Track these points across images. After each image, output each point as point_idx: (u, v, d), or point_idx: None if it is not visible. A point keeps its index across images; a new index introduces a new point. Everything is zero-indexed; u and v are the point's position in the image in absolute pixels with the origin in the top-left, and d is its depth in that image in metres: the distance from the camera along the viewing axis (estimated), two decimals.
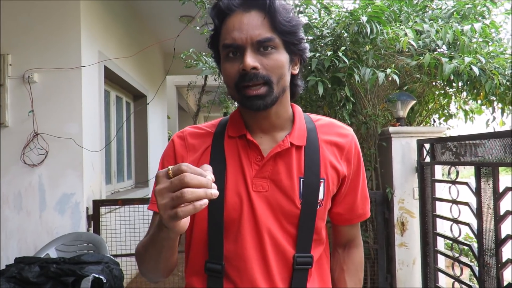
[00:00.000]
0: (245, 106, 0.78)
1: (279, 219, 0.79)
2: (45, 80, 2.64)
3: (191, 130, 0.88)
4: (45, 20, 2.66)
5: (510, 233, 1.72)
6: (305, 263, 0.79)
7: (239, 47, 0.74)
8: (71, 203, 2.63)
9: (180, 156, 0.85)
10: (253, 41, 0.73)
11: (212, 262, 0.79)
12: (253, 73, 0.73)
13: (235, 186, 0.79)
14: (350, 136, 0.87)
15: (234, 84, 0.76)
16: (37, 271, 2.00)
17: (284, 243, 0.78)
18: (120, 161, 4.10)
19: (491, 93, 2.65)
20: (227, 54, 0.77)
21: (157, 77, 5.25)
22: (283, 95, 0.80)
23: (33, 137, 2.59)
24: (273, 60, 0.75)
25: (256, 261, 0.78)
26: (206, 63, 2.79)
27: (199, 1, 2.59)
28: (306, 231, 0.79)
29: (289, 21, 0.76)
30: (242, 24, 0.74)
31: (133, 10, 4.08)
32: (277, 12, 0.75)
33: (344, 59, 2.35)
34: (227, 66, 0.77)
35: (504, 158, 1.79)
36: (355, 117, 2.79)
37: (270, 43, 0.74)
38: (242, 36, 0.73)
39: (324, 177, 0.82)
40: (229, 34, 0.75)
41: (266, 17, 0.75)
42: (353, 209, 0.90)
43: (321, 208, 0.81)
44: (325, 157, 0.83)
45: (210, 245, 0.79)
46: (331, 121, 0.89)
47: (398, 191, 2.69)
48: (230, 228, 0.79)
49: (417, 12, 2.97)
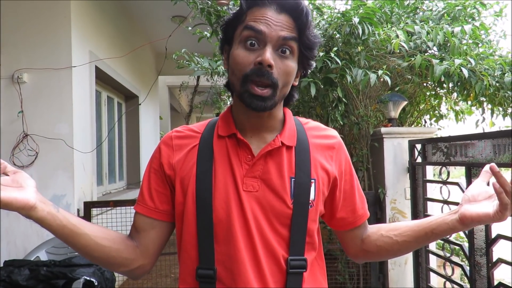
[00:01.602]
0: (244, 101, 0.76)
1: (270, 220, 0.77)
2: (35, 80, 2.61)
3: (178, 130, 0.88)
4: (35, 19, 2.62)
5: (500, 232, 1.74)
6: (299, 266, 0.78)
7: (261, 37, 0.74)
8: (62, 205, 2.60)
9: (165, 156, 0.84)
10: (279, 38, 0.74)
11: (203, 268, 0.77)
12: (267, 70, 0.73)
13: (224, 186, 0.78)
14: (337, 137, 0.89)
15: (243, 74, 0.74)
16: (27, 274, 1.97)
17: (276, 245, 0.77)
18: (111, 162, 4.07)
19: (481, 94, 2.69)
20: (245, 40, 0.75)
21: (149, 77, 5.22)
22: (280, 102, 0.81)
23: (23, 138, 2.56)
24: (286, 65, 0.75)
25: (249, 263, 0.76)
26: (198, 63, 2.78)
27: (191, 1, 2.58)
28: (299, 232, 0.78)
29: (313, 37, 0.78)
30: (272, 19, 0.74)
31: (124, 10, 4.05)
32: (306, 26, 0.76)
33: (336, 60, 2.36)
34: (241, 53, 0.75)
35: (494, 159, 1.82)
36: (347, 118, 2.81)
37: (291, 45, 0.75)
38: (269, 29, 0.73)
39: (315, 178, 0.81)
40: (257, 22, 0.74)
41: (296, 25, 0.76)
42: (355, 210, 0.89)
43: (312, 208, 0.80)
44: (315, 158, 0.83)
45: (200, 248, 0.78)
46: (317, 124, 0.91)
47: (390, 192, 2.71)
48: (220, 229, 0.77)
49: (408, 14, 3.00)
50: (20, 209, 0.66)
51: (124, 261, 0.81)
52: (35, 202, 0.68)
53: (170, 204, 0.84)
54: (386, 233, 0.88)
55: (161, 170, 0.84)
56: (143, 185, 0.86)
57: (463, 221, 0.76)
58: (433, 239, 0.83)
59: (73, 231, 0.74)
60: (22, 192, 0.67)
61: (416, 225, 0.84)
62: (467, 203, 0.77)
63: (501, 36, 3.32)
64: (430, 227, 0.81)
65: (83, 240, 0.75)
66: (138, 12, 4.22)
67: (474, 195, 0.77)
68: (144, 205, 0.84)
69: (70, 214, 0.75)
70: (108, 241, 0.79)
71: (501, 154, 1.85)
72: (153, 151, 0.88)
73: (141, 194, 0.86)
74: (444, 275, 2.20)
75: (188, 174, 0.80)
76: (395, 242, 0.86)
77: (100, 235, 0.78)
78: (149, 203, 0.84)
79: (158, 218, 0.84)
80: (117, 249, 0.80)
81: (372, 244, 0.90)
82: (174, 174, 0.82)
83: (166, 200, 0.84)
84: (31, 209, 0.67)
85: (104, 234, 0.79)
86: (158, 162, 0.85)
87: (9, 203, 0.65)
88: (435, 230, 0.80)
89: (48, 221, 0.70)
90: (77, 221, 0.75)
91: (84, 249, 0.77)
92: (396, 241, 0.86)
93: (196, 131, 0.86)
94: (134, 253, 0.83)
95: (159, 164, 0.84)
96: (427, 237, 0.82)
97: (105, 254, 0.79)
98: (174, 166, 0.82)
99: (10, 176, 0.69)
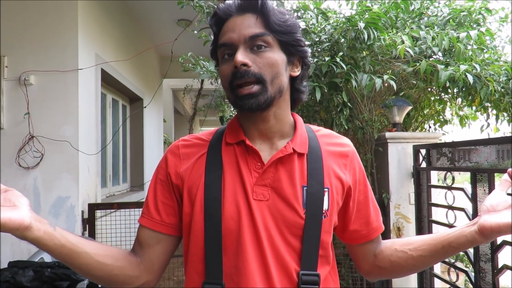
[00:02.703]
0: (238, 107, 0.76)
1: (281, 231, 0.74)
2: (42, 82, 2.63)
3: (185, 138, 0.85)
4: (42, 22, 2.65)
5: (506, 239, 1.74)
6: (312, 282, 0.73)
7: (232, 46, 0.75)
8: (66, 207, 2.61)
9: (172, 165, 0.81)
10: (245, 37, 0.74)
11: (210, 283, 0.73)
12: (244, 70, 0.72)
13: (233, 195, 0.75)
14: (351, 146, 0.86)
15: (228, 84, 0.75)
16: (31, 276, 1.97)
17: (287, 257, 0.73)
18: (115, 164, 4.08)
19: (486, 99, 2.68)
20: (223, 56, 0.77)
21: (154, 80, 5.24)
22: (280, 97, 0.78)
23: (29, 140, 2.57)
24: (265, 58, 0.74)
25: (258, 277, 0.71)
26: (204, 67, 2.80)
27: (197, 5, 2.60)
28: (311, 244, 0.74)
29: (284, 22, 0.76)
30: (235, 25, 0.75)
31: (130, 13, 4.08)
32: (270, 12, 0.75)
33: (341, 65, 2.36)
34: (222, 68, 0.77)
35: (499, 164, 1.81)
36: (352, 122, 2.80)
37: (263, 39, 0.74)
38: (234, 35, 0.75)
39: (328, 187, 0.78)
40: (224, 35, 0.77)
41: (259, 17, 0.75)
42: (369, 222, 0.85)
43: (326, 219, 0.76)
44: (329, 166, 0.79)
45: (208, 261, 0.74)
46: (330, 131, 0.88)
47: (394, 196, 2.70)
48: (229, 240, 0.73)
49: (413, 19, 3.00)
50: (14, 230, 0.61)
51: (128, 279, 0.78)
52: (30, 221, 0.63)
53: (177, 217, 0.81)
54: (400, 247, 0.83)
55: (168, 181, 0.81)
56: (148, 197, 0.83)
57: (483, 233, 0.71)
58: (451, 253, 0.77)
59: (72, 250, 0.70)
60: (16, 211, 0.62)
61: (432, 238, 0.79)
62: (486, 213, 0.72)
63: (506, 42, 3.31)
64: (447, 240, 0.76)
65: (83, 259, 0.71)
66: (144, 16, 4.25)
67: (493, 205, 0.72)
68: (149, 218, 0.81)
69: (67, 232, 0.71)
70: (110, 259, 0.75)
71: (506, 159, 1.84)
72: (156, 154, 0.88)
73: (146, 206, 0.82)
74: (449, 281, 2.19)
75: (196, 183, 0.78)
76: (410, 257, 0.81)
77: (101, 253, 0.74)
78: (155, 215, 0.80)
79: (164, 231, 0.80)
80: (120, 267, 0.77)
81: (386, 259, 0.85)
82: (182, 183, 0.79)
83: (173, 213, 0.81)
84: (26, 229, 0.63)
85: (105, 251, 0.75)
86: (164, 173, 0.82)
87: (2, 224, 0.60)
88: (452, 243, 0.75)
89: (45, 241, 0.66)
90: (76, 239, 0.71)
91: (85, 268, 0.73)
92: (411, 256, 0.81)
93: (204, 139, 0.84)
94: (138, 270, 0.79)
95: (165, 174, 0.81)
96: (444, 251, 0.77)
97: (107, 273, 0.75)
98: (182, 175, 0.80)
99: (1, 194, 0.63)
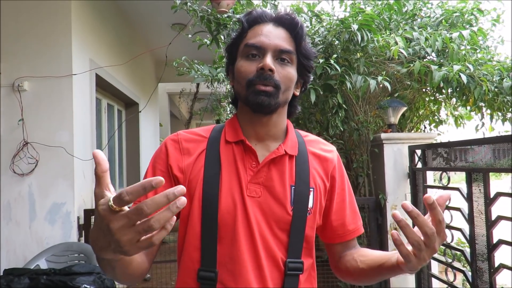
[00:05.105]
0: (250, 101, 0.80)
1: (270, 225, 0.81)
2: (36, 88, 2.62)
3: (185, 134, 0.88)
4: (35, 27, 2.64)
5: (502, 238, 1.74)
6: (296, 268, 0.81)
7: (261, 49, 0.81)
8: (62, 213, 2.59)
9: (174, 159, 0.84)
10: (276, 48, 0.81)
11: (205, 270, 0.79)
12: (269, 74, 0.79)
13: (230, 190, 0.80)
14: (335, 152, 0.93)
15: (246, 81, 0.80)
16: (27, 283, 1.96)
17: (275, 249, 0.80)
18: (111, 170, 4.06)
19: (480, 99, 2.70)
20: (247, 54, 0.82)
21: (149, 84, 5.24)
22: (283, 107, 0.86)
23: (23, 146, 2.56)
24: (286, 71, 0.82)
25: (250, 265, 0.78)
26: (198, 70, 2.79)
27: (191, 9, 2.60)
28: (297, 237, 0.81)
29: (309, 49, 0.87)
30: (270, 33, 0.82)
31: (124, 17, 4.07)
32: (302, 38, 0.84)
33: (335, 67, 2.37)
34: (243, 64, 0.82)
35: (494, 164, 1.82)
36: (347, 124, 2.81)
37: (289, 56, 0.82)
38: (268, 41, 0.81)
39: (313, 187, 0.85)
40: (256, 37, 0.82)
41: (292, 36, 0.84)
42: (345, 224, 0.90)
43: (310, 216, 0.83)
44: (314, 168, 0.87)
45: (203, 250, 0.79)
46: (317, 138, 0.95)
47: (390, 197, 2.71)
48: (224, 232, 0.79)
49: (406, 20, 3.02)
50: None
51: (144, 271, 0.80)
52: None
53: None
54: (357, 257, 0.87)
55: (168, 171, 0.83)
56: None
57: (398, 263, 0.71)
58: (385, 273, 0.78)
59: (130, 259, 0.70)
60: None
61: (378, 256, 0.81)
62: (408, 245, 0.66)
63: (498, 42, 3.34)
64: (382, 261, 0.78)
65: (135, 262, 0.73)
66: (138, 20, 4.24)
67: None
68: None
69: None
70: (138, 256, 0.76)
71: (501, 159, 1.85)
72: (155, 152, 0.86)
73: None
74: (446, 281, 2.19)
75: (195, 178, 0.82)
76: (357, 267, 0.85)
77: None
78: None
79: None
80: (143, 261, 0.78)
81: (343, 264, 0.90)
82: (183, 177, 0.83)
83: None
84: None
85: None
86: (165, 164, 0.84)
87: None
88: (383, 265, 0.77)
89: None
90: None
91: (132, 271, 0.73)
92: (358, 267, 0.84)
93: (202, 136, 0.88)
94: (143, 258, 0.80)
95: (166, 166, 0.84)
96: (378, 270, 0.79)
97: (142, 270, 0.77)
98: (184, 170, 0.83)
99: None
